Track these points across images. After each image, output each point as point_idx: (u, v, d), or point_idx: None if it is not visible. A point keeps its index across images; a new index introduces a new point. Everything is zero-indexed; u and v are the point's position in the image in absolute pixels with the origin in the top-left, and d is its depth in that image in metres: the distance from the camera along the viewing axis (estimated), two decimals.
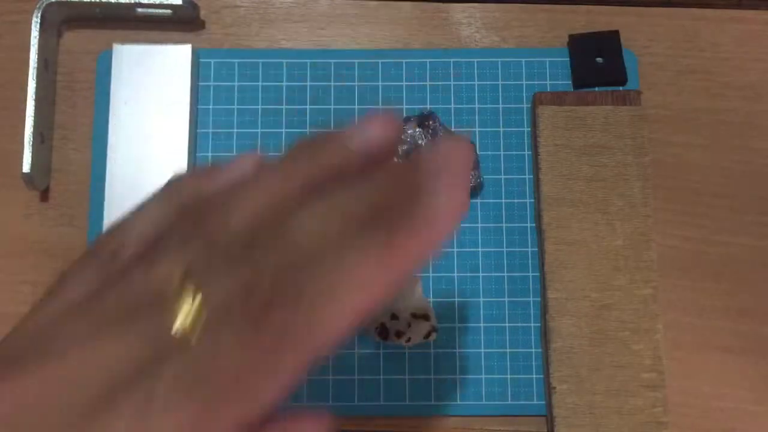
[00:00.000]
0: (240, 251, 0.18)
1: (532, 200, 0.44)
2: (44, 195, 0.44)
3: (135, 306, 0.18)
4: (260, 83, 0.45)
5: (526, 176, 0.44)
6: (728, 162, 0.45)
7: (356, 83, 0.45)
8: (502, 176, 0.44)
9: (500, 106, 0.45)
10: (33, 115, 0.42)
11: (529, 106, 0.45)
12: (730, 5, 0.47)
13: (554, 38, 0.46)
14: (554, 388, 0.40)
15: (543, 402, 0.42)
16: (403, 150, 0.43)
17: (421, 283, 0.42)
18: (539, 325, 0.42)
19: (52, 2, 0.43)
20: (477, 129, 0.45)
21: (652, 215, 0.42)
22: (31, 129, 0.42)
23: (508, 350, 0.42)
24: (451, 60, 0.45)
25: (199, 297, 0.17)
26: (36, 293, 0.43)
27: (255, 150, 0.44)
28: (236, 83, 0.45)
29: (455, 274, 0.43)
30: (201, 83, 0.45)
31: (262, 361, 0.17)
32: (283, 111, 0.45)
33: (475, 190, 0.44)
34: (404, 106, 0.45)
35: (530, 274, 0.43)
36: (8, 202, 0.44)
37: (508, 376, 0.42)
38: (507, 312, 0.43)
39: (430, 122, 0.43)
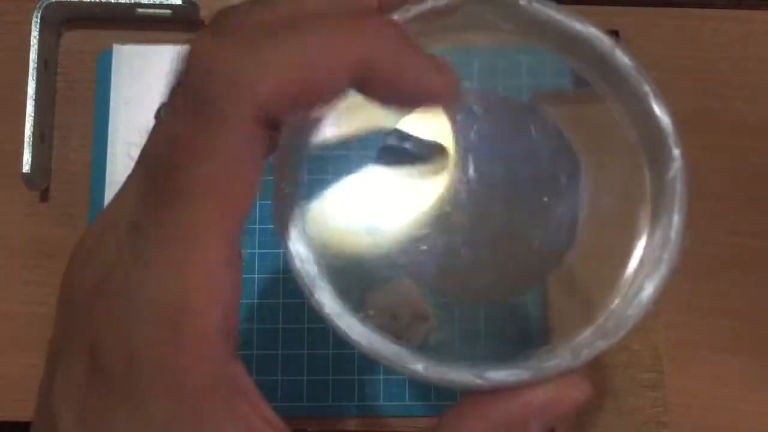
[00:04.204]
0: None
1: None
2: (44, 195, 0.44)
3: None
4: None
5: None
6: (728, 162, 0.45)
7: None
8: None
9: None
10: (33, 115, 0.42)
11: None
12: (730, 5, 0.47)
13: None
14: None
15: None
16: None
17: None
18: None
19: (52, 2, 0.43)
20: None
21: None
22: (31, 129, 0.42)
23: None
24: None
25: None
26: (36, 293, 0.43)
27: None
28: None
29: None
30: None
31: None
32: None
33: None
34: None
35: None
36: (8, 202, 0.44)
37: None
38: None
39: None
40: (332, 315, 0.21)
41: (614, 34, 0.45)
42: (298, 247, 0.21)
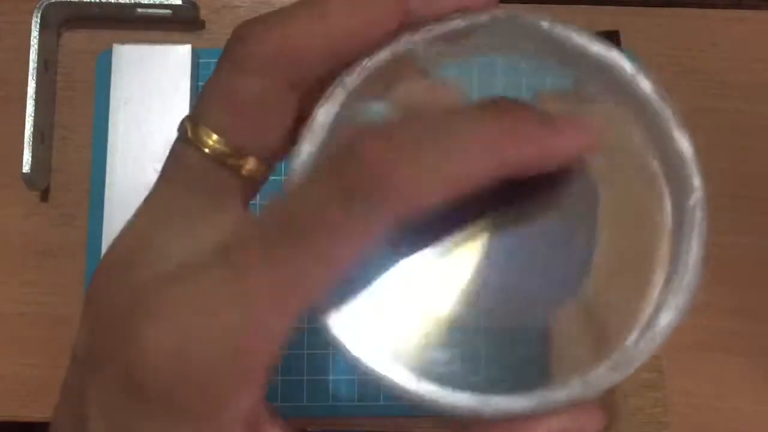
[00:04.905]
0: None
1: None
2: (44, 195, 0.44)
3: None
4: None
5: None
6: (728, 162, 0.45)
7: None
8: None
9: None
10: (33, 115, 0.42)
11: None
12: (730, 5, 0.47)
13: None
14: None
15: None
16: None
17: None
18: None
19: (52, 2, 0.43)
20: None
21: None
22: (31, 129, 0.42)
23: None
24: None
25: None
26: (36, 293, 0.43)
27: None
28: None
29: None
30: (201, 83, 0.45)
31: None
32: None
33: None
34: None
35: None
36: (8, 202, 0.44)
37: None
38: None
39: None
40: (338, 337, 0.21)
41: (614, 34, 0.45)
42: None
